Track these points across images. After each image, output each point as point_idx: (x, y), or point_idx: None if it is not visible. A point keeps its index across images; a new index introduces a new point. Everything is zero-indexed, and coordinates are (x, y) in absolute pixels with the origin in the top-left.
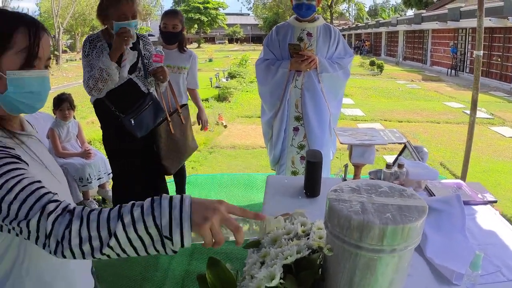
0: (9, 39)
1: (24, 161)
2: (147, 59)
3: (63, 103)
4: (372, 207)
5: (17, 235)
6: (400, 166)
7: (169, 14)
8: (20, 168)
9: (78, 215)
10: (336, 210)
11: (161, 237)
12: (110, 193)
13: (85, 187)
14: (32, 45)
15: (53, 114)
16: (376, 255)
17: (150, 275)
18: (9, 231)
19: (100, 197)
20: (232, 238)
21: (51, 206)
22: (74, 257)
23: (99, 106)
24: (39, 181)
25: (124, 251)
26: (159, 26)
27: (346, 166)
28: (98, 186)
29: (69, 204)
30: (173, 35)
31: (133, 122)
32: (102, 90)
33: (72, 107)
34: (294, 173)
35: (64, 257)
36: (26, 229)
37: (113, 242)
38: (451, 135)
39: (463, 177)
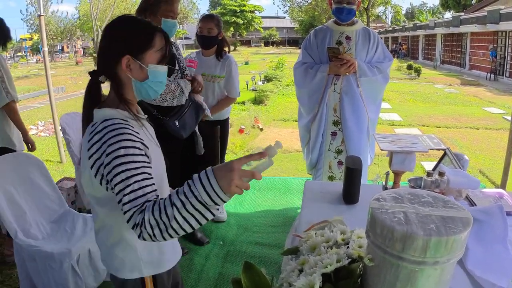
0: (152, 40)
1: (146, 146)
2: (182, 63)
3: None
4: (416, 218)
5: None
6: (441, 174)
7: (205, 18)
8: (140, 161)
9: (149, 208)
10: (379, 220)
11: (206, 207)
12: None
13: None
14: (165, 47)
15: None
16: (418, 267)
17: (184, 276)
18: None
19: None
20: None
21: (145, 204)
22: (151, 240)
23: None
24: (150, 175)
25: (183, 228)
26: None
27: (387, 174)
28: None
29: (151, 197)
30: (208, 39)
31: (177, 123)
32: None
33: None
34: (331, 178)
35: (144, 239)
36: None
37: (174, 223)
38: (491, 142)
39: (503, 186)
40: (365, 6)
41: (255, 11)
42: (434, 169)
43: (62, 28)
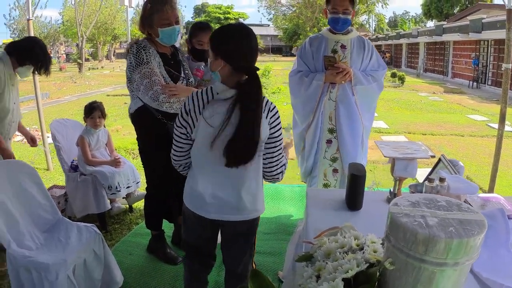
0: None
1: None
2: (187, 70)
3: (94, 111)
4: (435, 221)
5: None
6: (442, 180)
7: (205, 30)
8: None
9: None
10: (401, 224)
11: None
12: (137, 201)
13: (113, 195)
14: None
15: (83, 122)
16: (439, 268)
17: (179, 284)
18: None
19: (127, 206)
20: None
21: None
22: None
23: (141, 115)
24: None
25: None
26: (189, 40)
27: (396, 180)
28: (126, 194)
29: None
30: (205, 52)
31: None
32: (174, 104)
33: (103, 115)
34: (326, 185)
35: None
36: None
37: None
38: (476, 149)
39: (490, 191)
40: None
41: (240, 19)
42: (428, 175)
43: (46, 33)
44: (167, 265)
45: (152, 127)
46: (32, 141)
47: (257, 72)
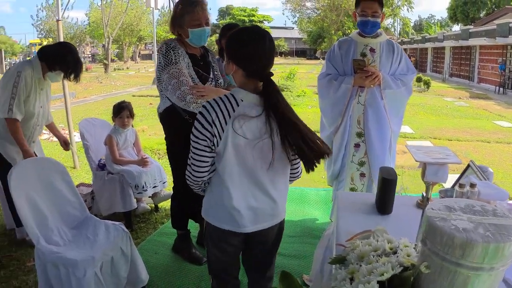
0: None
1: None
2: (216, 71)
3: (123, 110)
4: (471, 226)
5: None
6: (473, 185)
7: None
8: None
9: None
10: (438, 228)
11: None
12: (163, 201)
13: (140, 194)
14: None
15: (111, 121)
16: (475, 272)
17: (204, 285)
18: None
19: (153, 205)
20: None
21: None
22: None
23: (170, 115)
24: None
25: None
26: (219, 41)
27: (429, 185)
28: (152, 194)
29: None
30: None
31: None
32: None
33: (131, 115)
34: (353, 190)
35: None
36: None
37: None
38: (503, 155)
39: None
40: None
41: (264, 21)
42: (457, 181)
43: (72, 34)
44: (192, 265)
45: (180, 127)
46: (65, 144)
47: (275, 75)
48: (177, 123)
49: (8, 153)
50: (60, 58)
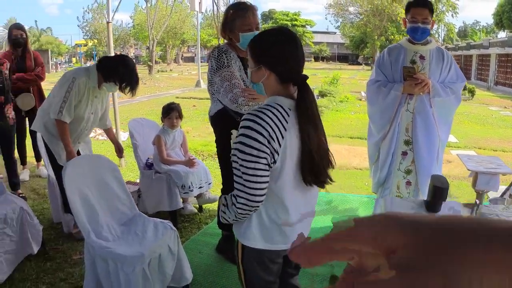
0: None
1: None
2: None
3: (172, 111)
4: None
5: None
6: None
7: None
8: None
9: None
10: None
11: None
12: (208, 203)
13: (186, 194)
14: None
15: (160, 122)
16: None
17: None
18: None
19: (198, 206)
20: None
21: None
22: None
23: (221, 118)
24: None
25: None
26: None
27: (482, 193)
28: (197, 194)
29: None
30: None
31: None
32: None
33: (180, 116)
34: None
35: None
36: None
37: None
38: None
39: None
40: None
41: (307, 26)
42: (506, 190)
43: (117, 36)
44: (236, 266)
45: (230, 130)
46: (119, 152)
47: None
48: (228, 126)
49: (55, 149)
50: (115, 71)
